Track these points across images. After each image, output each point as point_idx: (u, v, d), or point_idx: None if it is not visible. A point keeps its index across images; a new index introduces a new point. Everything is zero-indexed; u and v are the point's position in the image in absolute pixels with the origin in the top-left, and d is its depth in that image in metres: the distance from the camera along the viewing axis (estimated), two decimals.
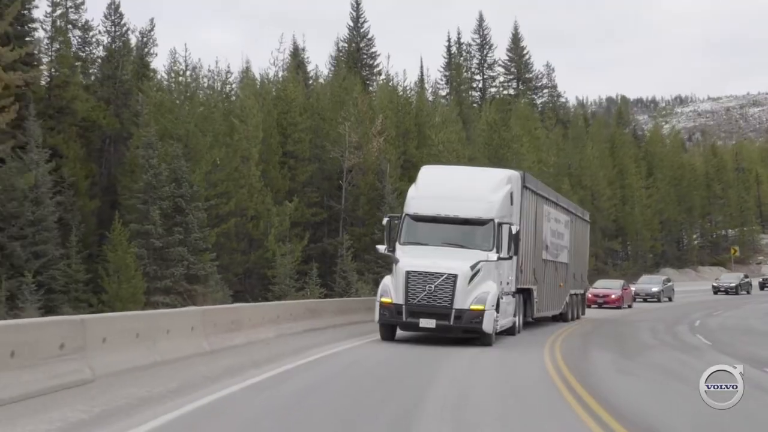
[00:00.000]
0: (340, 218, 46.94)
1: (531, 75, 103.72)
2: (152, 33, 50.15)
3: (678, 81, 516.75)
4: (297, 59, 72.67)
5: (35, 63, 42.27)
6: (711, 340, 25.11)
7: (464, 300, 19.55)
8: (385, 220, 22.00)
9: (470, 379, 14.63)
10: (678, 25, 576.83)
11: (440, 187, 22.01)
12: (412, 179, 51.07)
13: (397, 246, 20.82)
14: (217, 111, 42.16)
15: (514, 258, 22.08)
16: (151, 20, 50.54)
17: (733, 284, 61.56)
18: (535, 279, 26.29)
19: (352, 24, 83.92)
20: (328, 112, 49.88)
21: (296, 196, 44.15)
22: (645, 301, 50.80)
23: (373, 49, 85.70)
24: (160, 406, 10.49)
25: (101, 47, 48.55)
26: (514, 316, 23.28)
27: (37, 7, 43.78)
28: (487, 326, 19.75)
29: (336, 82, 54.73)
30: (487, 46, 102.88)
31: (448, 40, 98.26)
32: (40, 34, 44.68)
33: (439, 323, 19.61)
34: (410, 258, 20.19)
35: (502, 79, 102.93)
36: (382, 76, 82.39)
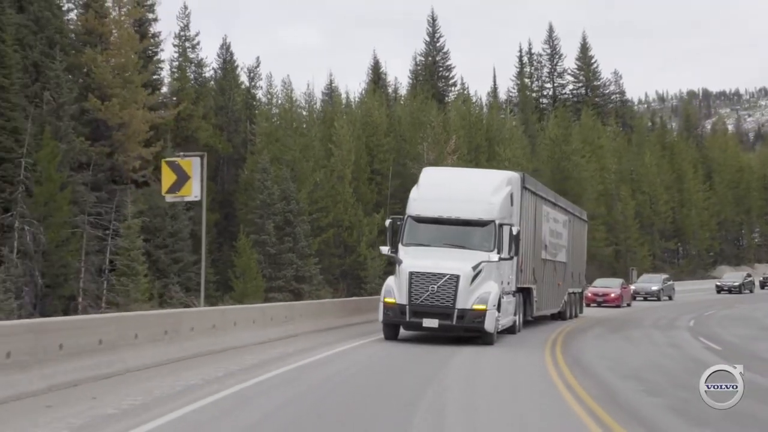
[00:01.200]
0: None
1: (599, 83, 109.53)
2: (258, 69, 58.72)
3: (763, 73, 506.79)
4: (378, 76, 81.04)
5: (163, 100, 50.88)
6: (698, 324, 29.70)
7: (466, 300, 19.92)
8: (387, 222, 22.37)
9: (474, 376, 15.31)
10: (763, 14, 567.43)
11: (442, 189, 22.21)
12: None
13: (400, 247, 21.18)
14: (316, 139, 50.23)
15: (515, 258, 22.37)
16: (257, 58, 59.17)
17: (737, 283, 62.15)
18: (535, 278, 26.62)
19: (428, 39, 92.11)
20: (408, 133, 57.58)
21: (382, 208, 51.92)
22: (645, 299, 51.13)
23: (448, 62, 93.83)
24: (342, 344, 19.24)
25: (213, 82, 57.34)
26: (515, 315, 23.55)
27: (162, 50, 52.66)
28: (489, 325, 20.10)
29: (414, 105, 62.28)
30: (557, 56, 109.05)
31: (520, 50, 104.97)
32: (165, 72, 53.67)
33: (442, 323, 20.01)
34: (413, 259, 20.55)
35: (571, 87, 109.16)
36: (458, 87, 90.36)
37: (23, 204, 34.03)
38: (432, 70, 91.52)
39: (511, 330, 23.04)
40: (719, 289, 61.28)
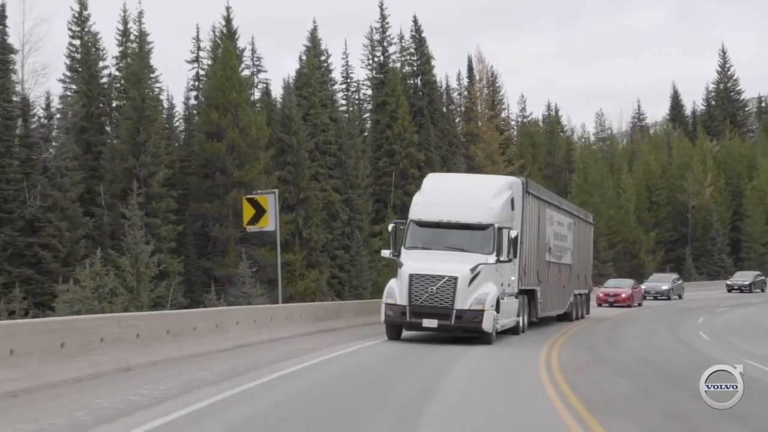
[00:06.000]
0: (687, 238, 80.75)
1: None
2: (573, 130, 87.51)
3: None
4: (677, 101, 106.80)
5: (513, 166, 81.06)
6: (706, 318, 33.22)
7: (464, 301, 20.34)
8: (390, 226, 22.71)
9: (473, 373, 16.17)
10: None
11: (443, 194, 22.60)
12: (738, 206, 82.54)
13: (402, 250, 21.63)
14: (609, 188, 77.61)
15: (515, 260, 22.59)
16: (583, 125, 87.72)
17: (747, 282, 62.56)
18: (539, 280, 26.81)
19: (719, 69, 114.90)
20: (676, 171, 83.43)
21: (656, 227, 78.38)
22: (655, 299, 51.70)
23: (738, 87, 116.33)
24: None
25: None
26: (518, 316, 23.74)
27: (509, 130, 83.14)
28: (487, 325, 20.43)
29: (684, 150, 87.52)
30: None
31: None
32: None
33: (441, 323, 20.47)
34: (413, 262, 21.01)
35: None
36: (748, 108, 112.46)
37: None
38: (723, 95, 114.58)
39: (514, 330, 23.64)
40: (730, 288, 62.21)
